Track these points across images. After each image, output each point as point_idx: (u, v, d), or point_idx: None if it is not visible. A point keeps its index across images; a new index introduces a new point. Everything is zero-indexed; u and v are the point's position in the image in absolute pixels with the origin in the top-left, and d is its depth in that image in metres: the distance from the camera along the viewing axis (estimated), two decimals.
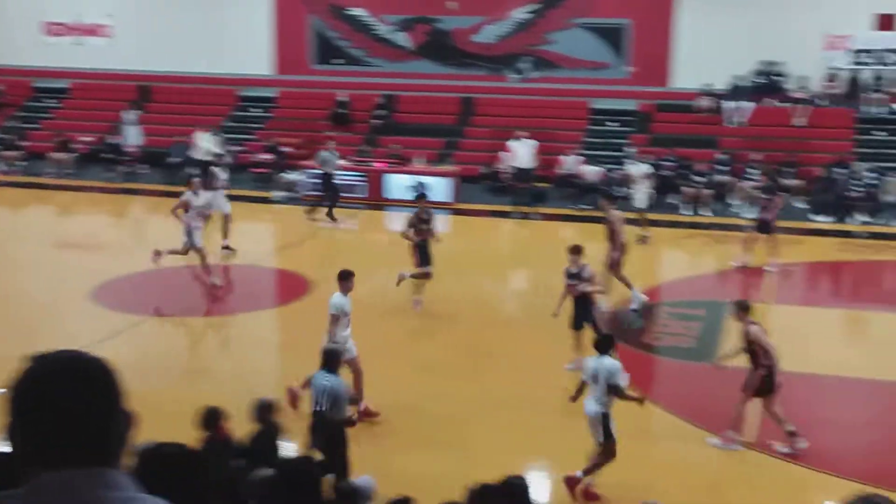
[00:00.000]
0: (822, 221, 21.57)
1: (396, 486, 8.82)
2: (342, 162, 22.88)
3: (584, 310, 12.61)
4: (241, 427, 8.39)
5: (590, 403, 9.41)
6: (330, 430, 8.92)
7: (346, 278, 11.10)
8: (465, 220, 22.06)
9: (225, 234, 18.19)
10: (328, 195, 21.69)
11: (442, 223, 22.26)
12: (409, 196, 23.22)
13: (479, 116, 27.51)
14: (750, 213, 21.88)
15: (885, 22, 25.17)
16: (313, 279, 16.86)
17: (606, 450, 9.30)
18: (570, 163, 23.82)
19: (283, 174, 24.53)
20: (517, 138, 22.84)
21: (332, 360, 9.32)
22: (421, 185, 22.21)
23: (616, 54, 27.17)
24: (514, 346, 14.04)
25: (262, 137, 27.13)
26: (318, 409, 9.03)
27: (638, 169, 20.88)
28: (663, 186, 23.06)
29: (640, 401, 9.51)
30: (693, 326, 14.69)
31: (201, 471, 3.66)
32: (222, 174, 19.32)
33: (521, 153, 22.65)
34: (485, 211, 22.43)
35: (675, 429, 11.21)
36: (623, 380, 9.42)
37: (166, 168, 25.41)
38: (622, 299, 15.34)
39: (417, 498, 7.31)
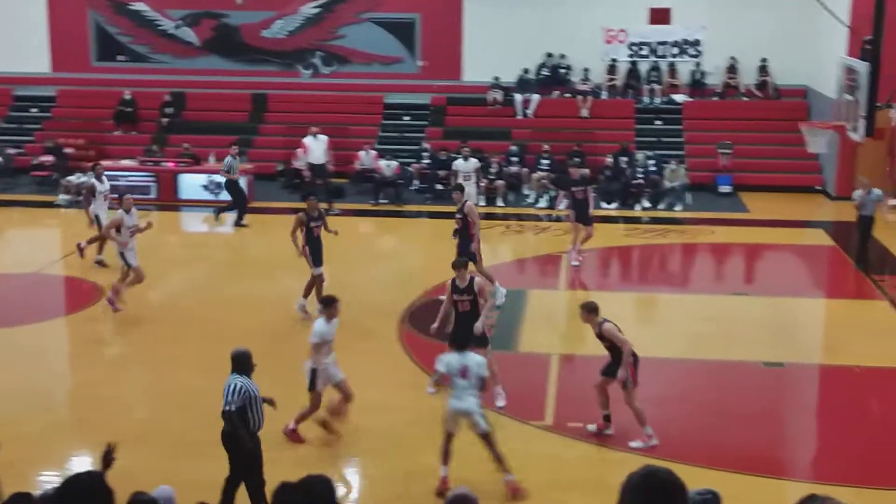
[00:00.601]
0: (610, 208, 22.48)
1: (192, 495, 8.57)
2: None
3: (468, 327, 11.44)
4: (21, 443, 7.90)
5: (461, 400, 9.47)
6: (244, 439, 8.76)
7: (329, 305, 10.72)
8: (262, 218, 21.69)
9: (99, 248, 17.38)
10: (237, 201, 21.09)
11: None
12: (203, 196, 22.67)
13: (272, 113, 27.12)
14: (543, 203, 22.60)
15: (659, 16, 26.50)
16: (103, 285, 16.19)
17: (490, 441, 9.51)
18: (367, 158, 23.85)
19: (67, 177, 23.34)
20: (312, 134, 22.64)
21: (243, 362, 9.00)
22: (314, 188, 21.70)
23: (407, 49, 27.39)
24: None
25: (42, 139, 25.77)
26: (227, 408, 8.73)
27: (466, 165, 21.24)
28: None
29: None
30: (492, 315, 14.96)
31: None
32: (102, 184, 17.81)
33: (316, 149, 22.47)
34: (282, 209, 22.13)
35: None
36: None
37: None
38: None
39: None
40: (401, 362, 13.17)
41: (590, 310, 10.73)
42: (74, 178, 23.12)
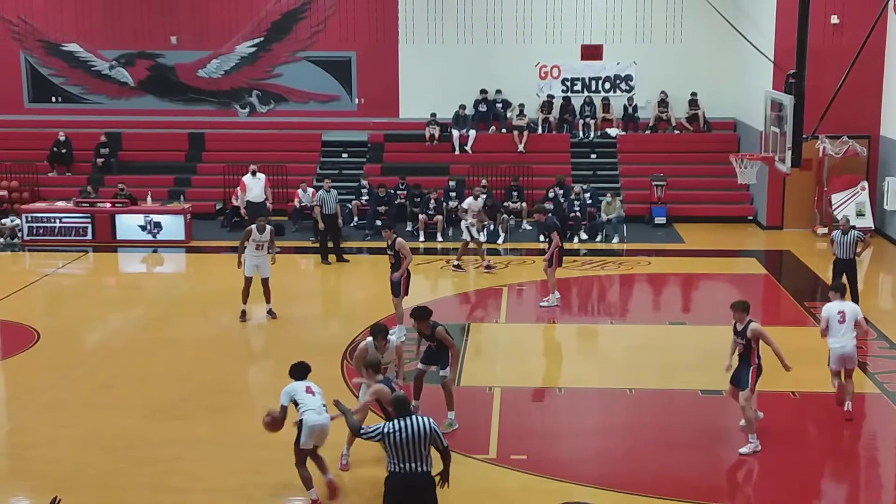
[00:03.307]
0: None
1: None
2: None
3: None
4: None
5: (322, 415, 10.28)
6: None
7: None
8: (201, 257, 21.56)
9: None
10: (333, 236, 20.99)
11: (176, 263, 21.78)
12: (141, 236, 22.49)
13: (209, 152, 27.03)
14: (482, 238, 22.70)
15: (591, 52, 27.02)
16: (39, 329, 15.96)
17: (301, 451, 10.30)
18: (306, 195, 23.81)
19: (1, 219, 23.00)
20: (251, 172, 22.60)
21: (404, 406, 8.88)
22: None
23: (344, 86, 27.54)
24: (258, 383, 13.83)
25: None
26: (447, 444, 8.80)
27: (476, 203, 21.23)
28: (398, 215, 23.65)
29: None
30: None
31: None
32: (262, 235, 16.72)
33: (255, 187, 22.42)
34: (222, 247, 22.00)
35: None
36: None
37: None
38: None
39: None
40: (343, 398, 13.10)
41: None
42: (8, 221, 22.82)
